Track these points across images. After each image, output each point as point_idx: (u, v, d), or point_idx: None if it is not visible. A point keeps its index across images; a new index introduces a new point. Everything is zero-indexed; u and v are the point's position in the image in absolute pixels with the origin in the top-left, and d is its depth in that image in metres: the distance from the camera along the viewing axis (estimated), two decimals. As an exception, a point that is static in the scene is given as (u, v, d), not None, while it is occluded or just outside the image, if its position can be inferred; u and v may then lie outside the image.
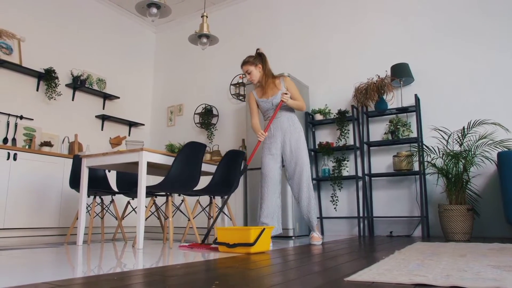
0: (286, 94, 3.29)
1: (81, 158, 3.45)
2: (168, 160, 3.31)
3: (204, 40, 4.10)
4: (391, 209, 4.42)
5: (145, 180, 3.07)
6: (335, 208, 4.68)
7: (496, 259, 2.06)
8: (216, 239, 2.75)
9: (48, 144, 4.80)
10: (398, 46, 4.63)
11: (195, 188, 3.79)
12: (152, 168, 3.82)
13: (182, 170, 3.21)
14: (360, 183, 4.49)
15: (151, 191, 3.29)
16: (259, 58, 3.45)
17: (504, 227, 3.82)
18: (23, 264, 2.02)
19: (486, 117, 3.91)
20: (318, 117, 4.84)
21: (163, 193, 3.80)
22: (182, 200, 3.47)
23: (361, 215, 4.38)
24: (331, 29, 5.12)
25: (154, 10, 3.51)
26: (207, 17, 4.12)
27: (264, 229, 2.61)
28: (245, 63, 3.45)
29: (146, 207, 3.49)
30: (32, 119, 4.91)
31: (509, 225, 3.73)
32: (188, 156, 3.25)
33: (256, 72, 3.41)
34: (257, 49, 3.53)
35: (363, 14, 4.93)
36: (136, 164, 3.48)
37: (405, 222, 4.34)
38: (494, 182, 3.92)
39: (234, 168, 3.72)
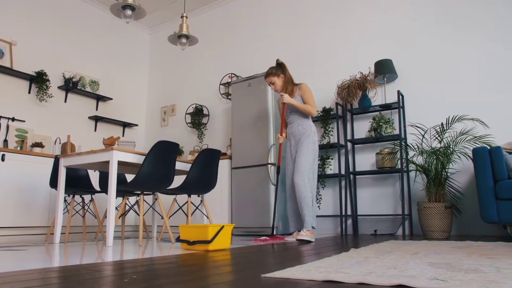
0: (282, 95, 3.49)
1: (59, 158, 3.52)
2: (140, 159, 3.35)
3: (184, 40, 4.13)
4: (376, 207, 4.37)
5: (115, 178, 3.11)
6: (319, 206, 4.65)
7: (444, 257, 2.02)
8: (179, 236, 2.77)
9: (39, 145, 4.92)
10: (382, 43, 4.57)
11: (171, 187, 3.83)
12: (134, 167, 3.87)
13: (153, 168, 3.25)
14: (344, 181, 4.45)
15: (125, 190, 3.33)
16: (280, 68, 3.62)
17: (484, 225, 3.74)
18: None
19: (470, 113, 3.84)
20: (304, 115, 4.82)
21: (138, 192, 3.85)
22: (156, 199, 3.51)
23: (344, 213, 4.35)
24: (315, 27, 5.10)
25: (129, 12, 3.55)
26: (186, 17, 4.16)
27: (222, 226, 2.62)
28: (268, 75, 3.63)
29: (125, 205, 3.53)
30: (24, 121, 5.03)
31: (485, 223, 3.65)
32: (159, 155, 3.28)
33: (279, 82, 3.61)
34: (277, 60, 3.69)
35: (347, 11, 4.89)
36: (123, 164, 3.55)
37: (389, 221, 4.29)
38: (474, 179, 3.83)
39: (210, 167, 3.74)
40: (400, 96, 4.21)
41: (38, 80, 5.08)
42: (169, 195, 4.03)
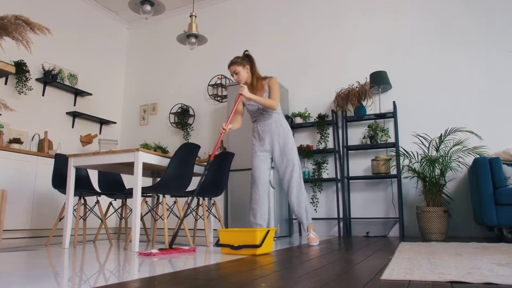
0: (242, 86, 3.24)
1: (68, 157, 3.30)
2: (162, 161, 3.25)
3: (193, 40, 4.07)
4: (368, 211, 4.61)
5: (140, 181, 3.00)
6: (315, 209, 4.81)
7: (492, 257, 2.24)
8: (218, 240, 2.75)
9: (17, 141, 4.54)
10: (376, 53, 4.84)
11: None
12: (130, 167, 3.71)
13: (177, 171, 3.17)
14: (339, 185, 4.65)
15: (143, 193, 3.22)
16: (247, 59, 3.44)
17: (472, 227, 4.12)
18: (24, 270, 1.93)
19: (458, 123, 4.21)
20: (298, 120, 4.95)
21: (149, 195, 3.74)
22: (174, 202, 3.43)
23: (342, 216, 4.54)
24: (312, 34, 5.26)
25: (148, 7, 3.44)
26: (195, 16, 4.09)
27: (268, 230, 2.65)
28: (232, 63, 3.41)
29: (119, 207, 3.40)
30: (0, 114, 4.60)
31: (477, 224, 4.04)
32: (184, 158, 3.22)
33: (243, 73, 3.39)
34: (245, 51, 3.51)
35: (343, 21, 5.11)
36: (123, 164, 3.40)
37: (380, 223, 4.55)
38: (464, 186, 4.22)
39: (223, 170, 3.73)
40: (395, 106, 4.49)
41: (17, 71, 4.69)
42: (181, 197, 3.94)
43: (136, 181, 2.98)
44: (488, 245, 3.04)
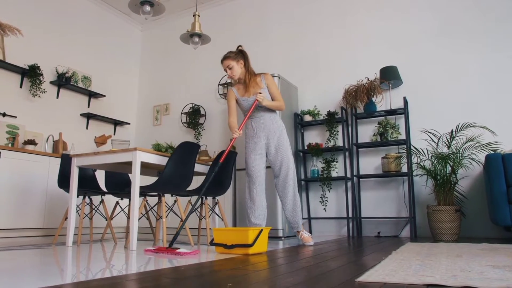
0: (260, 93, 3.19)
1: (71, 157, 3.36)
2: (161, 160, 3.26)
3: (196, 39, 4.07)
4: (379, 210, 4.48)
5: (138, 180, 3.01)
6: (324, 208, 4.71)
7: (492, 259, 2.11)
8: (212, 239, 2.73)
9: (32, 142, 4.67)
10: (386, 49, 4.70)
11: (187, 189, 3.75)
12: (143, 168, 3.75)
13: (175, 170, 3.17)
14: (349, 184, 4.54)
15: (143, 192, 3.23)
16: (241, 54, 3.34)
17: (489, 227, 3.93)
18: (8, 268, 1.96)
19: (472, 119, 4.02)
20: (307, 118, 4.87)
21: (155, 194, 3.76)
22: (175, 201, 3.43)
23: (352, 215, 4.43)
24: (321, 31, 5.17)
25: (147, 8, 3.45)
26: (199, 16, 4.08)
27: (261, 230, 2.60)
28: (226, 57, 3.31)
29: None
30: (16, 117, 4.75)
31: (494, 225, 3.85)
32: (182, 156, 3.22)
33: (237, 68, 3.30)
34: (239, 46, 3.41)
35: (352, 16, 4.99)
36: (127, 164, 3.43)
37: (392, 223, 4.41)
38: (479, 184, 4.03)
39: (226, 169, 3.70)
40: (406, 102, 4.34)
41: (31, 74, 4.82)
42: (183, 197, 3.95)
43: (134, 180, 2.99)
44: (498, 246, 2.89)
